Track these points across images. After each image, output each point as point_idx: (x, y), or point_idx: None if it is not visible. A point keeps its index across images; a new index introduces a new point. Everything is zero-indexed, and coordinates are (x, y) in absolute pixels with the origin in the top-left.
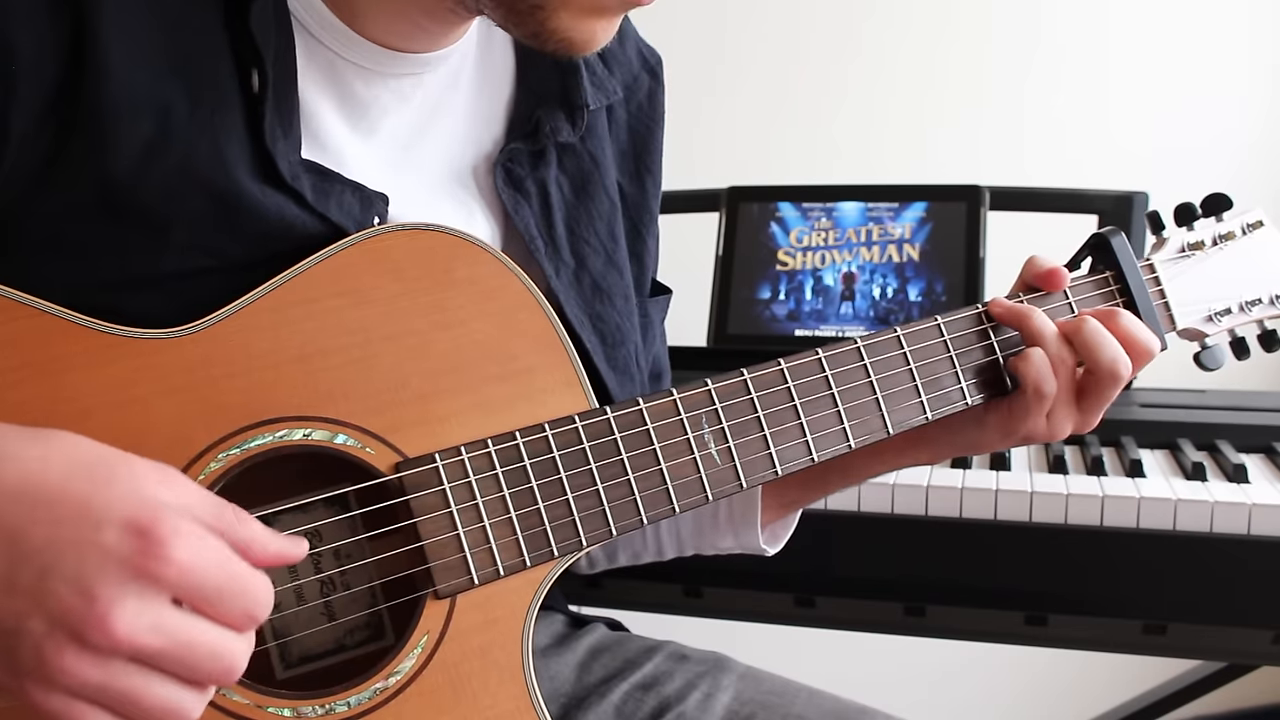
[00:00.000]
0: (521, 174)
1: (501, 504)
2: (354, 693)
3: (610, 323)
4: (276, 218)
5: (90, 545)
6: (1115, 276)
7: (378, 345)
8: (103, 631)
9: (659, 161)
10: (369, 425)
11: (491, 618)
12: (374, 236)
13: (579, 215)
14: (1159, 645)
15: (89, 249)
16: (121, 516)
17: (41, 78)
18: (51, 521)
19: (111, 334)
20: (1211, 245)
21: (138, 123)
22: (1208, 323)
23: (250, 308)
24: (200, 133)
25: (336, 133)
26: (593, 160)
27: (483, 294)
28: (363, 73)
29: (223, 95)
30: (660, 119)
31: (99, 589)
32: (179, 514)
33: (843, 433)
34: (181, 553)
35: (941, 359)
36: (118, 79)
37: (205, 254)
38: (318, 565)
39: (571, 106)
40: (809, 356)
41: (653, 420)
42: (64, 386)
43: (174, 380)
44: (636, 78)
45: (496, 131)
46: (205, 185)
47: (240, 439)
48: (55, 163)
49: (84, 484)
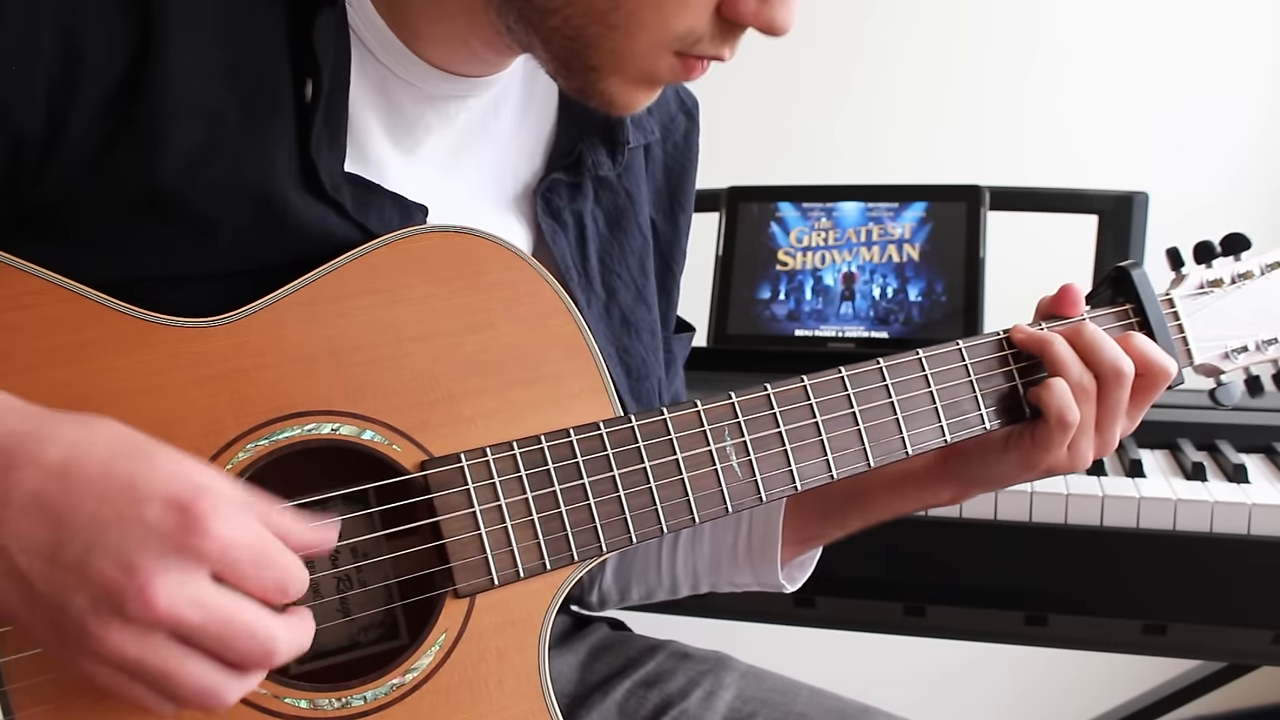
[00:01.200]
0: (560, 204)
1: (524, 506)
2: (370, 687)
3: (636, 356)
4: (319, 226)
5: (133, 521)
6: (1135, 309)
7: (408, 344)
8: (143, 604)
9: (691, 199)
10: (396, 423)
11: (510, 619)
12: (408, 237)
13: (612, 249)
14: (1159, 645)
15: (132, 246)
16: (164, 493)
17: (107, 78)
18: (95, 499)
19: (146, 320)
20: (1230, 284)
21: (192, 128)
22: (1224, 360)
23: (283, 301)
24: (250, 140)
25: (380, 146)
26: (628, 196)
27: (514, 298)
28: (411, 91)
29: (276, 104)
30: (695, 159)
31: (140, 563)
32: (218, 493)
33: (862, 452)
34: (221, 528)
35: (962, 383)
36: (178, 83)
37: (248, 257)
38: (335, 561)
39: (613, 142)
40: (832, 374)
41: (676, 430)
42: (98, 370)
43: (206, 369)
44: (674, 118)
45: (537, 162)
46: (251, 191)
47: (269, 430)
48: (109, 159)
49: (126, 463)
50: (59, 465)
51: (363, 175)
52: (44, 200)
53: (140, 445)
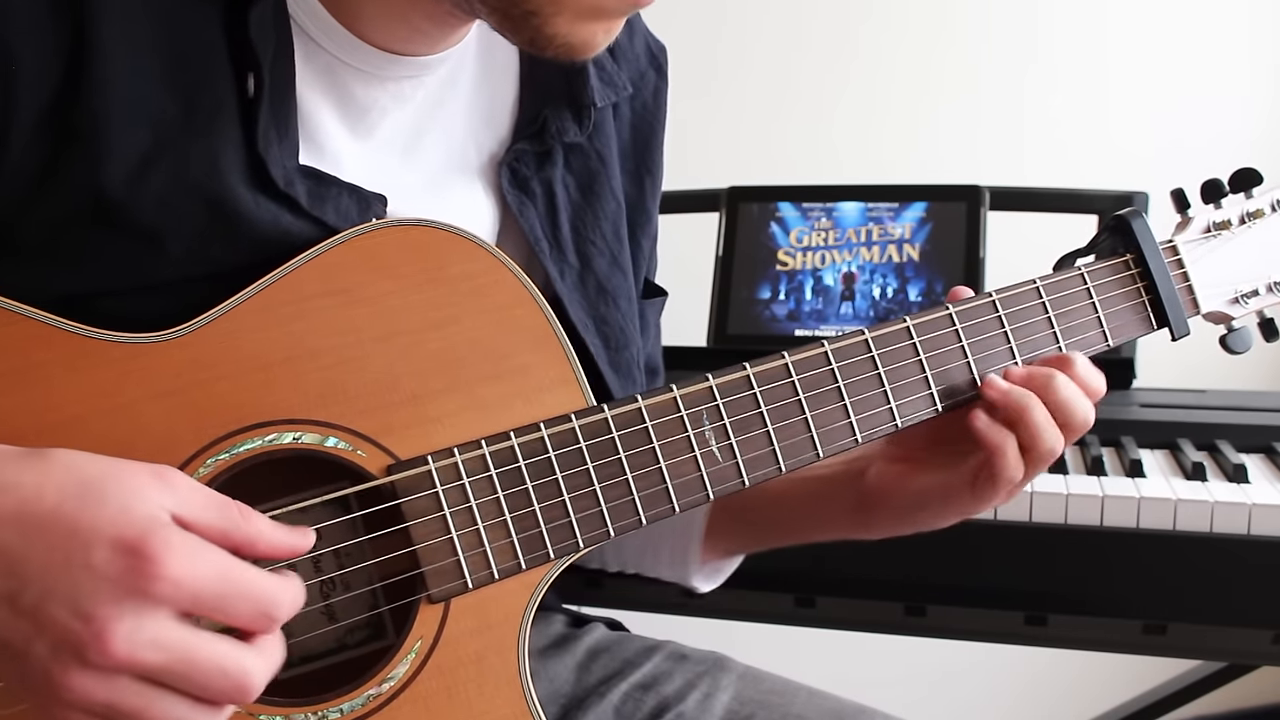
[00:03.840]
0: (527, 174)
1: (496, 506)
2: (347, 699)
3: (614, 325)
4: (271, 225)
5: (81, 568)
6: (1135, 259)
7: (368, 345)
8: (101, 651)
9: (659, 161)
10: (360, 427)
11: (487, 622)
12: (365, 234)
13: (585, 216)
14: (1159, 645)
15: (84, 257)
16: (110, 536)
17: (41, 84)
18: (46, 547)
19: (96, 339)
20: (1239, 224)
21: (133, 133)
22: (1233, 305)
23: (238, 309)
24: (194, 140)
25: (335, 135)
26: (600, 159)
27: (476, 290)
28: (362, 76)
29: (218, 101)
30: (663, 117)
31: (94, 610)
32: (169, 528)
33: (849, 427)
34: (173, 568)
35: (953, 348)
36: (116, 88)
37: (202, 262)
38: (318, 567)
39: (578, 106)
40: (814, 349)
41: (652, 418)
42: (48, 394)
43: (161, 385)
44: (644, 74)
45: (501, 132)
46: (199, 194)
47: (229, 443)
48: (51, 170)
49: (75, 504)
50: (11, 511)
51: (319, 167)
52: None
53: (94, 480)
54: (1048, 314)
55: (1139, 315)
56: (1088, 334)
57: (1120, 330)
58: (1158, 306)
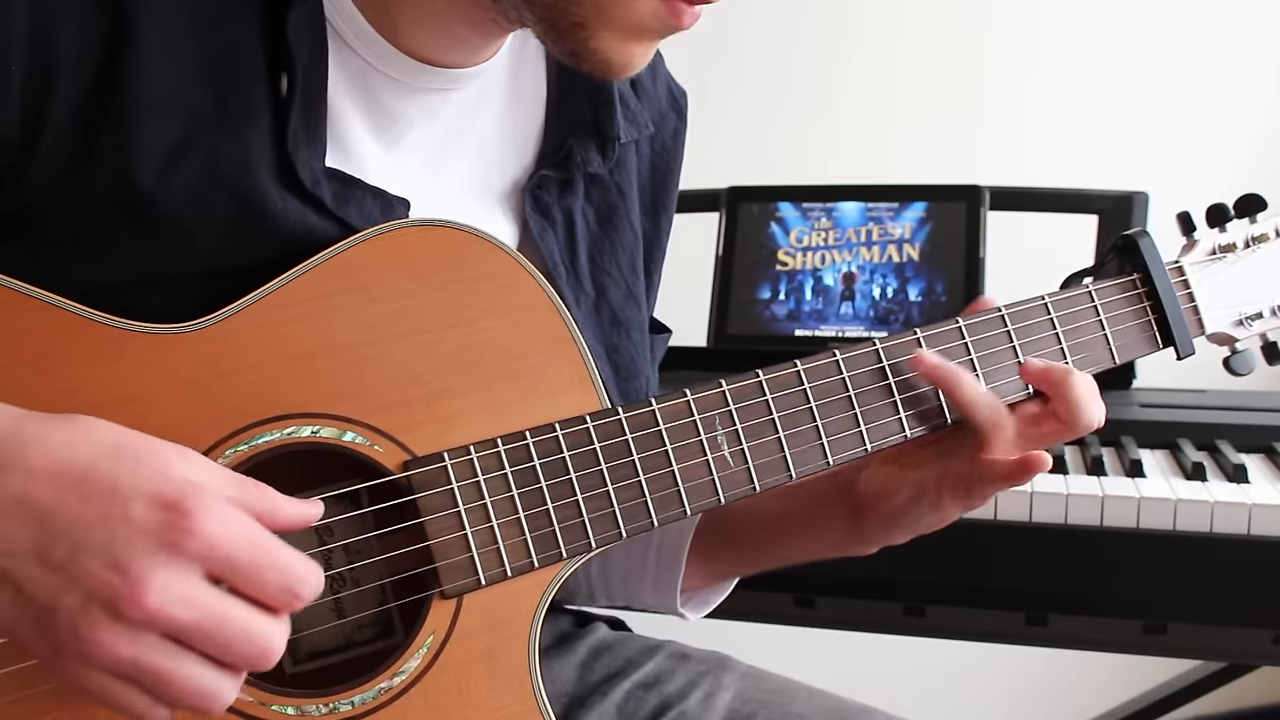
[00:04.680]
0: (549, 201)
1: (510, 504)
2: (358, 692)
3: (626, 355)
4: (297, 223)
5: (119, 520)
6: (1142, 279)
7: (388, 343)
8: (135, 603)
9: (674, 199)
10: (378, 423)
11: (498, 619)
12: (386, 233)
13: (603, 247)
14: (1159, 645)
15: (111, 248)
16: (148, 492)
17: (81, 73)
18: (80, 499)
19: (118, 328)
20: (1244, 248)
21: (167, 124)
22: (1238, 327)
23: (259, 304)
24: (226, 136)
25: (361, 141)
26: (620, 193)
27: (495, 291)
28: (393, 84)
29: (251, 99)
30: (680, 158)
31: (130, 562)
32: (205, 491)
33: (859, 436)
34: (209, 525)
35: (962, 361)
36: (152, 79)
37: (226, 257)
38: (328, 561)
39: (604, 138)
40: (826, 358)
41: (666, 421)
42: (70, 381)
43: (181, 376)
44: (664, 115)
45: (526, 158)
46: (228, 188)
47: (248, 435)
48: (84, 159)
49: (110, 463)
50: (42, 466)
51: (344, 170)
52: (21, 204)
53: (125, 445)
54: (1055, 330)
55: (1145, 334)
56: (1094, 351)
57: (1126, 348)
58: (1164, 326)
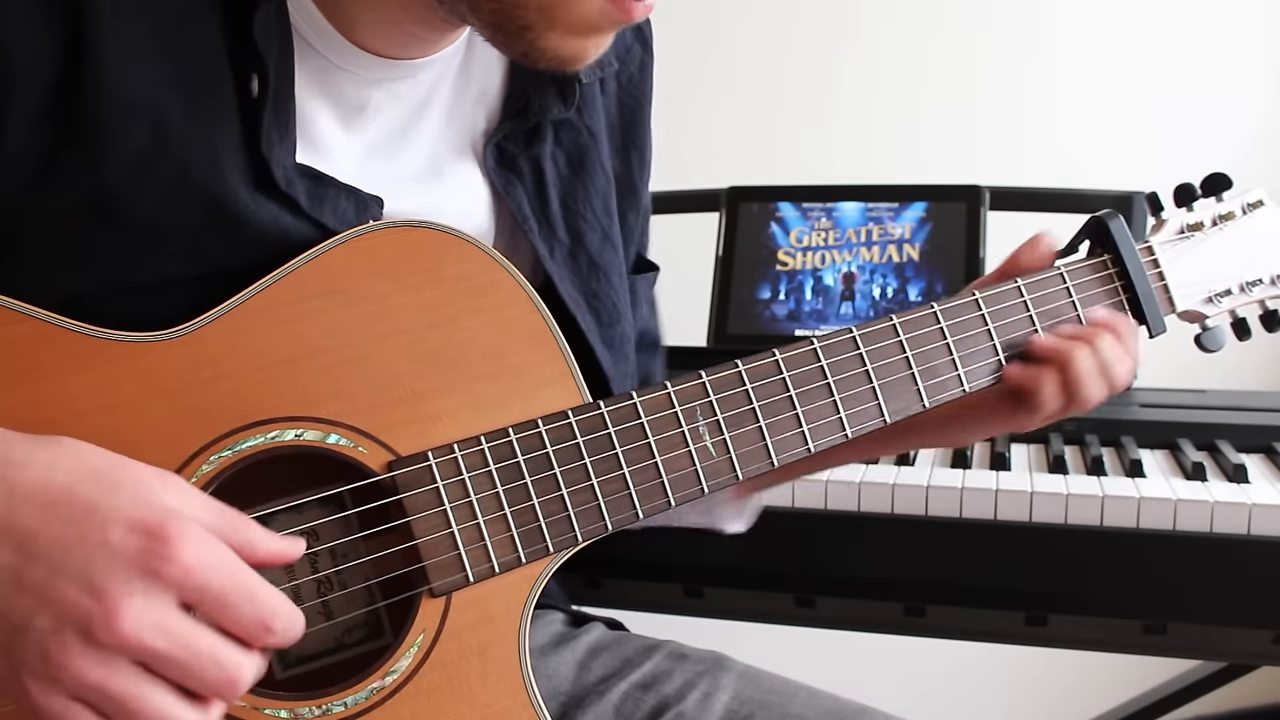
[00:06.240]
0: (515, 152)
1: (495, 501)
2: (350, 693)
3: (607, 301)
4: (271, 225)
5: (97, 544)
6: (1114, 260)
7: (368, 344)
8: (108, 628)
9: (647, 137)
10: (361, 424)
11: (488, 615)
12: (363, 234)
13: (575, 191)
14: (1159, 645)
15: (84, 255)
16: (128, 517)
17: (38, 81)
18: (60, 522)
19: (98, 337)
20: (1211, 226)
21: (133, 131)
22: (1208, 304)
23: (239, 309)
24: (195, 140)
25: (329, 132)
26: (590, 134)
27: (474, 290)
28: (354, 78)
29: (219, 102)
30: (650, 92)
31: (106, 586)
32: (184, 518)
33: (839, 422)
34: (187, 553)
35: (938, 346)
36: (114, 86)
37: (202, 261)
38: (314, 565)
39: (562, 82)
40: (804, 346)
41: (647, 414)
42: (50, 392)
43: (162, 383)
44: (629, 49)
45: (491, 112)
46: (200, 193)
47: (231, 441)
48: (51, 168)
49: (90, 487)
50: (23, 488)
51: (315, 164)
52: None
53: (106, 466)
54: (1029, 312)
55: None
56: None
57: None
58: (1135, 305)
